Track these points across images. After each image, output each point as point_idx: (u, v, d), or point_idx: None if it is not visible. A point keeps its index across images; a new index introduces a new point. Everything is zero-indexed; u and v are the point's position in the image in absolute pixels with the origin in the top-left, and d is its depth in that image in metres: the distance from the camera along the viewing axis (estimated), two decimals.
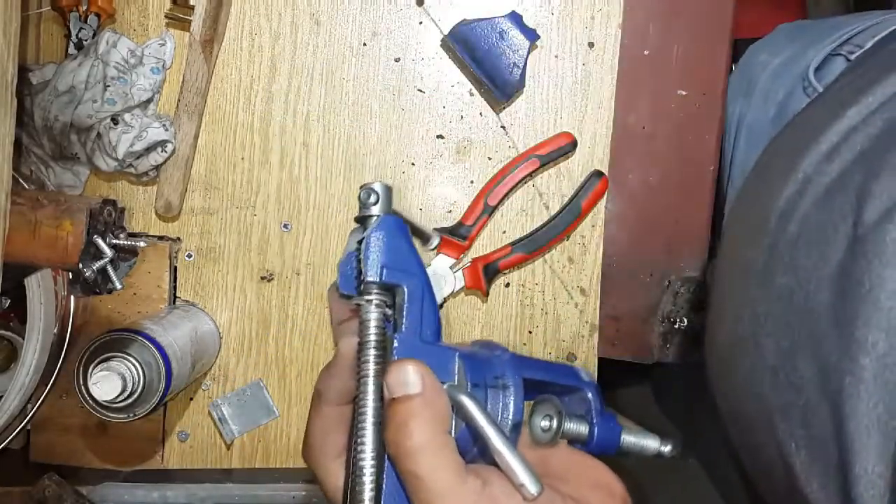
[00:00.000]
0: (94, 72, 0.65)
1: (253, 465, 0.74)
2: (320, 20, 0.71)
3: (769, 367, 0.47)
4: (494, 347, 0.42)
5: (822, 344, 0.43)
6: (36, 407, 0.63)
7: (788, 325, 0.46)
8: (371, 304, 0.38)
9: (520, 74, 0.68)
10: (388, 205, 0.41)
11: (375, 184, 0.41)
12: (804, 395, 0.44)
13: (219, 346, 0.72)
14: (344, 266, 0.40)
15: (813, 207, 0.47)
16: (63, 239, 0.47)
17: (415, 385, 0.35)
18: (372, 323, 0.38)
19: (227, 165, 0.72)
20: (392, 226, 0.41)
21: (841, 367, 0.41)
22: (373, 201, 0.41)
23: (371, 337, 0.37)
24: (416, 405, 0.35)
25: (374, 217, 0.41)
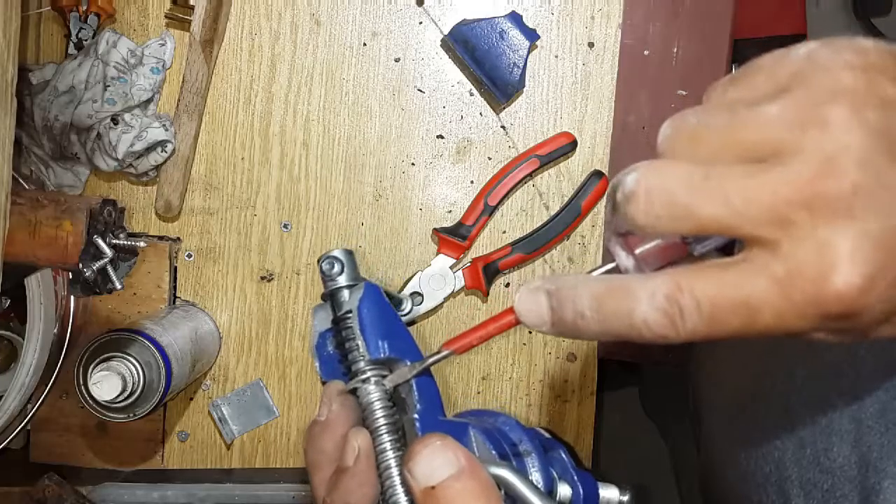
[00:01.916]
0: (94, 72, 0.65)
1: (253, 465, 0.74)
2: (320, 20, 0.71)
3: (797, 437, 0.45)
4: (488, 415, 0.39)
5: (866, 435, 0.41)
6: (36, 407, 0.63)
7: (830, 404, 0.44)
8: (371, 383, 0.34)
9: (520, 74, 0.68)
10: (354, 270, 0.37)
11: (335, 251, 0.37)
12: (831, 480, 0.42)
13: (219, 346, 0.72)
14: (321, 350, 0.36)
15: None
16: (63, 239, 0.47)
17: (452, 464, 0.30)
18: (379, 405, 0.33)
19: (226, 165, 0.72)
20: (375, 293, 0.37)
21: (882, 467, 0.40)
22: (337, 271, 0.37)
23: (384, 422, 0.33)
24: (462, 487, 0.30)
25: (343, 289, 0.37)
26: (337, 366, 0.36)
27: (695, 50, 0.72)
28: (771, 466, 0.47)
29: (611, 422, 0.96)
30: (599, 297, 0.29)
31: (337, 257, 0.37)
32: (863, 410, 0.42)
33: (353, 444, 0.33)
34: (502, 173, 0.70)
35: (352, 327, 0.35)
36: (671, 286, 0.27)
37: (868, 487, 0.40)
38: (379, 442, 0.33)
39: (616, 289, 0.28)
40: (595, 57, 0.71)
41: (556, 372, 0.73)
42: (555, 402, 0.73)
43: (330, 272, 0.37)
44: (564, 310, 0.30)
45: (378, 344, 0.35)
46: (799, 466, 0.45)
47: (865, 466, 0.41)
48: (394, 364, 0.35)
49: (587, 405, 0.74)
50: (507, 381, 0.73)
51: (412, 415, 0.34)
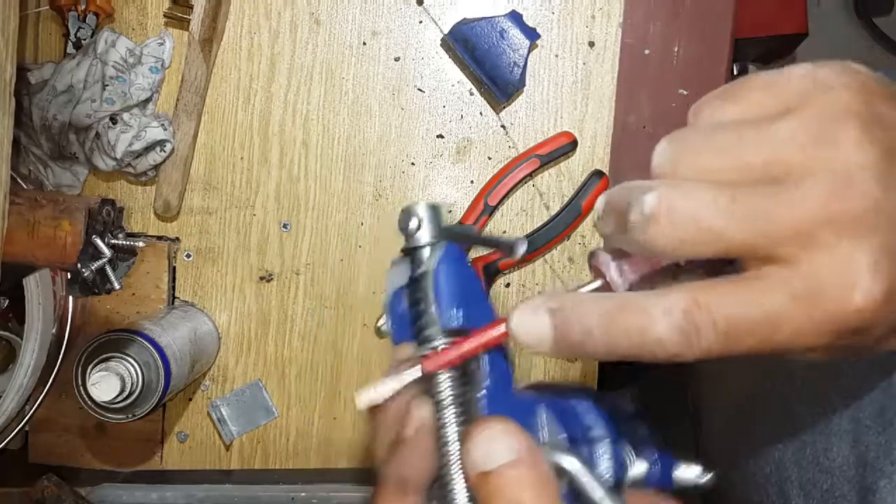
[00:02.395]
0: (93, 71, 0.65)
1: (252, 465, 0.74)
2: (320, 19, 0.71)
3: (798, 438, 0.45)
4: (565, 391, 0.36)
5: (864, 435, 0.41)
6: (34, 407, 0.63)
7: (830, 404, 0.44)
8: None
9: (520, 74, 0.68)
10: (437, 228, 0.33)
11: (418, 205, 0.33)
12: (830, 480, 0.42)
13: (218, 347, 0.72)
14: (395, 308, 0.34)
15: None
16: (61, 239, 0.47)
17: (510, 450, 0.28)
18: (444, 377, 0.31)
19: (225, 165, 0.71)
20: (456, 256, 0.33)
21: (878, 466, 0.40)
22: (414, 227, 0.33)
23: (450, 396, 0.31)
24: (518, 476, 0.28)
25: (425, 247, 0.33)
26: (408, 327, 0.33)
27: (695, 49, 0.72)
28: (771, 467, 0.47)
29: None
30: (610, 314, 0.28)
31: (415, 212, 0.33)
32: (861, 410, 0.42)
33: (416, 414, 0.32)
34: (502, 173, 0.70)
35: (426, 290, 0.32)
36: (689, 303, 0.26)
37: (866, 487, 0.40)
38: (442, 416, 0.31)
39: (628, 306, 0.27)
40: (595, 56, 0.71)
41: (556, 372, 0.73)
42: None
43: (406, 227, 0.33)
44: (570, 329, 0.28)
45: (452, 313, 0.32)
46: (798, 467, 0.45)
47: (863, 466, 0.41)
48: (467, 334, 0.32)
49: None
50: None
51: (479, 391, 0.32)
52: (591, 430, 0.34)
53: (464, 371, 0.32)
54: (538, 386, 0.38)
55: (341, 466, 0.74)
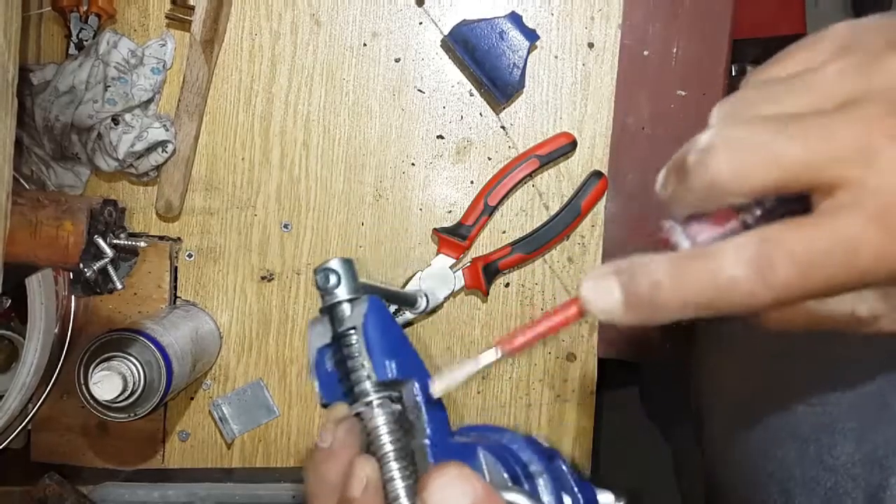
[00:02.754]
0: (95, 72, 0.65)
1: (253, 464, 0.74)
2: (320, 21, 0.71)
3: (800, 436, 0.45)
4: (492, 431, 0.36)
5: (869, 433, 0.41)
6: (37, 407, 0.63)
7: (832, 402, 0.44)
8: (379, 408, 0.32)
9: (520, 75, 0.68)
10: (354, 281, 0.33)
11: (332, 261, 0.33)
12: (834, 478, 0.42)
13: (219, 346, 0.73)
14: (320, 368, 0.33)
15: None
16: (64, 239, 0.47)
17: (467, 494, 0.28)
18: (385, 430, 0.31)
19: (227, 165, 0.72)
20: (379, 307, 0.33)
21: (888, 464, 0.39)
22: (334, 283, 0.33)
23: (392, 448, 0.31)
24: None
25: (343, 303, 0.33)
26: (337, 385, 0.33)
27: (695, 50, 0.72)
28: (774, 466, 0.47)
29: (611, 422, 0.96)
30: (678, 261, 0.27)
31: (333, 269, 0.33)
32: (866, 408, 0.42)
33: (360, 474, 0.31)
34: (502, 173, 0.70)
35: (354, 346, 0.32)
36: (758, 238, 0.26)
37: (874, 485, 0.40)
38: (387, 470, 0.31)
39: (696, 253, 0.27)
40: (595, 57, 0.71)
41: (556, 372, 0.73)
42: (555, 402, 0.73)
43: (325, 285, 0.33)
44: (638, 283, 0.27)
45: (385, 364, 0.32)
46: (802, 465, 0.45)
47: (871, 464, 0.41)
48: (400, 385, 0.32)
49: (587, 405, 0.74)
50: (507, 381, 0.73)
51: (422, 440, 0.31)
52: (529, 466, 0.34)
53: (401, 423, 0.32)
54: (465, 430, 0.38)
55: None
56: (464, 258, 0.71)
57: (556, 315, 0.31)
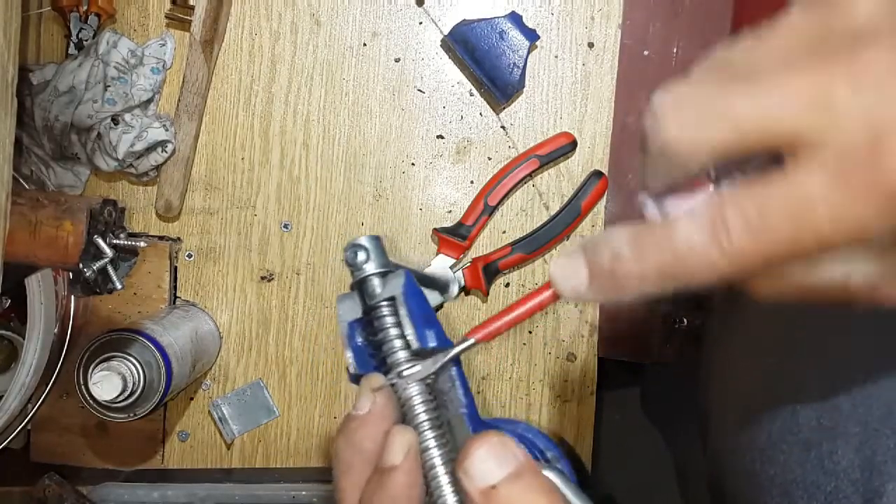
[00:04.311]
0: (95, 72, 0.65)
1: (253, 464, 0.74)
2: (320, 20, 0.71)
3: (802, 439, 0.45)
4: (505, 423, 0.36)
5: (871, 439, 0.41)
6: (36, 407, 0.63)
7: (837, 407, 0.43)
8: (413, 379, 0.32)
9: (520, 74, 0.68)
10: (383, 257, 0.34)
11: (360, 238, 0.34)
12: (834, 482, 0.42)
13: (219, 346, 0.73)
14: (351, 341, 0.34)
15: None
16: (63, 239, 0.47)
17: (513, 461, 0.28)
18: (420, 400, 0.31)
19: (227, 165, 0.72)
20: (413, 281, 0.34)
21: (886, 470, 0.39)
22: (363, 259, 0.33)
23: (425, 417, 0.31)
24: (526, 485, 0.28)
25: (372, 277, 0.33)
26: (368, 359, 0.33)
27: (694, 50, 0.72)
28: (776, 469, 0.47)
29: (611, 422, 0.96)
30: (636, 231, 0.26)
31: (362, 245, 0.33)
32: (870, 414, 0.42)
33: (401, 439, 0.30)
34: (502, 173, 0.70)
35: (386, 317, 0.33)
36: (714, 202, 0.24)
37: (872, 490, 0.40)
38: (423, 439, 0.30)
39: (652, 222, 0.26)
40: (595, 57, 0.71)
41: (556, 372, 0.73)
42: (555, 402, 0.73)
43: (355, 261, 0.33)
44: (601, 255, 0.26)
45: (426, 333, 0.32)
46: (803, 469, 0.45)
47: (870, 469, 0.41)
48: (431, 356, 0.32)
49: (587, 405, 0.74)
50: (507, 381, 0.73)
51: (459, 410, 0.32)
52: (546, 453, 0.34)
53: (434, 395, 0.32)
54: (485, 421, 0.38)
55: None
56: (464, 258, 0.71)
57: (529, 299, 0.31)
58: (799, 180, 0.23)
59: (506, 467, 0.28)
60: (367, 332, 0.34)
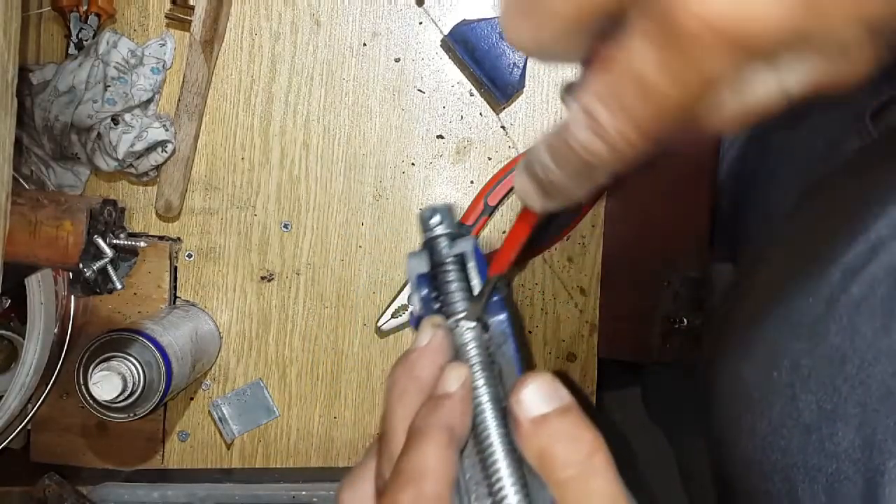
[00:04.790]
0: (95, 72, 0.65)
1: (253, 464, 0.74)
2: (320, 20, 0.71)
3: (803, 424, 0.46)
4: None
5: (871, 418, 0.41)
6: (36, 407, 0.63)
7: (836, 390, 0.44)
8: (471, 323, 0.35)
9: (520, 74, 0.68)
10: (452, 222, 0.38)
11: (437, 204, 0.39)
12: (836, 464, 0.42)
13: (219, 346, 0.73)
14: (420, 290, 0.37)
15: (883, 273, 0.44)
16: (63, 239, 0.47)
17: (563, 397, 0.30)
18: (475, 343, 0.34)
19: (226, 165, 0.72)
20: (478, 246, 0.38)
21: (886, 448, 0.40)
22: (437, 221, 0.38)
23: (478, 359, 0.33)
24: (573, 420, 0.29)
25: (442, 237, 0.38)
26: (431, 308, 0.37)
27: None
28: (777, 455, 0.47)
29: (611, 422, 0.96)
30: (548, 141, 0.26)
31: (436, 208, 0.38)
32: (868, 395, 0.42)
33: (457, 372, 0.32)
34: (502, 173, 0.70)
35: (450, 272, 0.36)
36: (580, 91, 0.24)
37: (873, 468, 0.40)
38: (474, 378, 0.33)
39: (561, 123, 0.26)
40: None
41: (556, 372, 0.73)
42: None
43: (429, 221, 0.38)
44: (535, 169, 0.27)
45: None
46: (804, 453, 0.45)
47: (870, 448, 0.41)
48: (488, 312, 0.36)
49: (587, 405, 0.74)
50: None
51: (510, 361, 0.35)
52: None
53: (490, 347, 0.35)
54: None
55: (342, 465, 0.74)
56: None
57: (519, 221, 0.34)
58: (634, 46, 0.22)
59: (556, 402, 0.30)
60: (433, 286, 0.37)
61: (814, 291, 0.48)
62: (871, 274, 0.45)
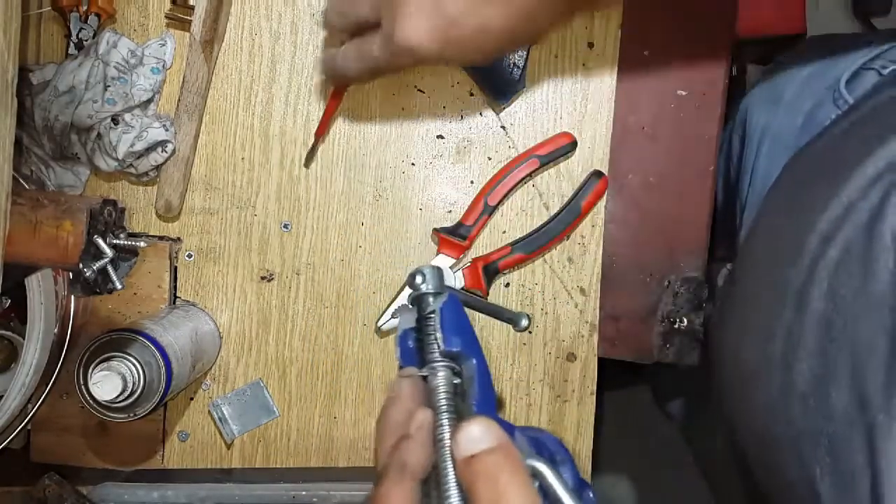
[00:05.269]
0: (95, 72, 0.65)
1: (253, 464, 0.74)
2: (320, 20, 0.71)
3: (800, 392, 0.47)
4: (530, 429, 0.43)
5: (860, 376, 0.42)
6: (36, 407, 0.63)
7: (824, 353, 0.46)
8: (442, 371, 0.40)
9: (520, 74, 0.68)
10: (438, 282, 0.43)
11: (424, 267, 0.44)
12: (833, 425, 0.44)
13: (219, 346, 0.73)
14: (403, 342, 0.43)
15: (855, 234, 0.46)
16: (63, 239, 0.47)
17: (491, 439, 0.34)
18: (444, 389, 0.39)
19: (227, 165, 0.72)
20: (456, 302, 0.43)
21: (877, 402, 0.41)
22: (420, 281, 0.43)
23: (445, 403, 0.38)
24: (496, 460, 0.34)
25: (427, 295, 0.43)
26: (414, 359, 0.42)
27: (695, 50, 0.72)
28: (782, 426, 0.48)
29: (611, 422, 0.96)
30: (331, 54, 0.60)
31: (421, 271, 0.43)
32: (855, 355, 0.43)
33: (419, 416, 0.38)
34: (502, 173, 0.70)
35: (431, 325, 0.41)
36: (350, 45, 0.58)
37: (868, 424, 0.41)
38: (438, 418, 0.38)
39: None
40: (595, 57, 0.71)
41: (556, 372, 0.73)
42: (555, 402, 0.73)
43: (413, 281, 0.43)
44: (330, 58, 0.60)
45: (452, 338, 0.41)
46: (805, 419, 0.46)
47: (862, 406, 0.42)
48: (462, 360, 0.41)
49: (587, 405, 0.74)
50: (507, 381, 0.73)
51: (471, 402, 0.39)
52: (556, 455, 0.40)
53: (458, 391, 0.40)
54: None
55: (341, 465, 0.74)
56: (464, 258, 0.71)
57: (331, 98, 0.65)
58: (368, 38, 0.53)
59: (486, 443, 0.34)
60: (417, 338, 0.43)
61: (796, 260, 0.50)
62: (845, 236, 0.47)
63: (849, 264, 0.46)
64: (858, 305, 0.44)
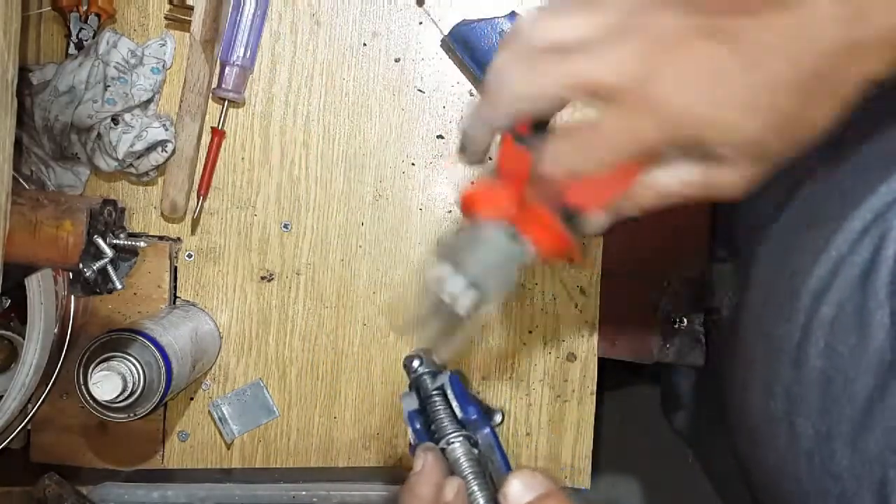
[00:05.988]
0: (95, 72, 0.65)
1: (253, 464, 0.74)
2: (320, 20, 0.71)
3: (804, 450, 0.47)
4: None
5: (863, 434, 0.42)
6: (36, 407, 0.63)
7: (826, 411, 0.45)
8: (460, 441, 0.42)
9: None
10: (432, 364, 0.46)
11: (415, 351, 0.46)
12: (841, 484, 0.43)
13: (219, 346, 0.73)
14: (413, 425, 0.45)
15: (848, 290, 0.46)
16: (63, 239, 0.47)
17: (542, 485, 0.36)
18: (468, 457, 0.41)
19: (227, 166, 0.72)
20: (457, 378, 0.46)
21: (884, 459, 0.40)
22: (417, 364, 0.46)
23: (471, 469, 0.40)
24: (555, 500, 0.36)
25: (424, 376, 0.46)
26: (424, 437, 0.44)
27: None
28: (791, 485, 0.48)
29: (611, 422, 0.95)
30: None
31: (415, 355, 0.46)
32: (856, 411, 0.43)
33: (452, 483, 0.40)
34: None
35: (437, 403, 0.44)
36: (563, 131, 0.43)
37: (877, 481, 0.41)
38: (469, 486, 0.40)
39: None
40: None
41: (556, 372, 0.73)
42: (555, 402, 0.73)
43: (410, 365, 0.46)
44: None
45: (468, 408, 0.43)
46: (812, 478, 0.46)
47: (869, 463, 0.42)
48: (476, 429, 0.43)
49: (587, 405, 0.74)
50: (507, 381, 0.73)
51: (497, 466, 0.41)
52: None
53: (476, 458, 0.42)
54: None
55: (341, 465, 0.74)
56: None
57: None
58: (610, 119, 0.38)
59: (535, 490, 0.36)
60: (424, 418, 0.45)
61: (790, 316, 0.49)
62: (837, 292, 0.46)
63: (843, 321, 0.45)
64: (856, 362, 0.43)
